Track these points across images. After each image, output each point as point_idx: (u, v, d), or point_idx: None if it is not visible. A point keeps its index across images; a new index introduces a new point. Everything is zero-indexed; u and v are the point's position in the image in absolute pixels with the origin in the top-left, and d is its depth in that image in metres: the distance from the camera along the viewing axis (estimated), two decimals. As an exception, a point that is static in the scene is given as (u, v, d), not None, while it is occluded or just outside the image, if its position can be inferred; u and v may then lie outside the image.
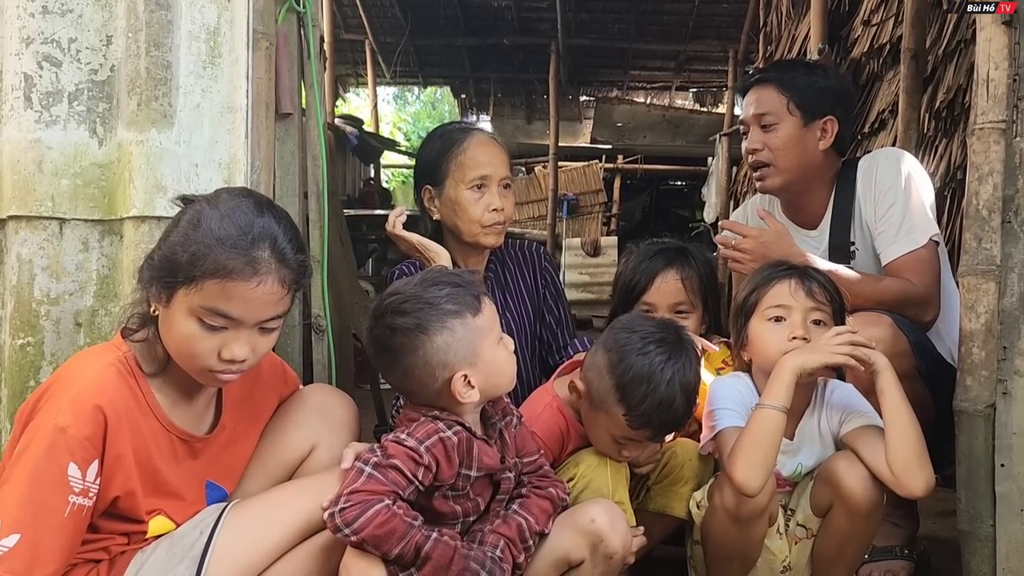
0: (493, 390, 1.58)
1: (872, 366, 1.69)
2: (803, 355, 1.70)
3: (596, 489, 1.73)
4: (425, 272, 1.64)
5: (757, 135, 2.35)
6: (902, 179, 2.22)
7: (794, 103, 2.31)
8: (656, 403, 1.67)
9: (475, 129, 2.31)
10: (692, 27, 10.09)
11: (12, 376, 1.79)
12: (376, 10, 10.05)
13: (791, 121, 2.31)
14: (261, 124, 1.93)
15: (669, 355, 1.71)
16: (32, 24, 1.81)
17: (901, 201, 2.20)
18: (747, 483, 1.63)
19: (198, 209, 1.45)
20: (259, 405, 1.67)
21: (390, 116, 17.36)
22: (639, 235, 9.47)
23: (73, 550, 1.40)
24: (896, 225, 2.20)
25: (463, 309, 1.53)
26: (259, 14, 1.91)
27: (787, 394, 1.67)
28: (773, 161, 2.32)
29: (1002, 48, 1.70)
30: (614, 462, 1.79)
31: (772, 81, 2.37)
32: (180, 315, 1.42)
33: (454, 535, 1.50)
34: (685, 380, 1.71)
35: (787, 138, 2.31)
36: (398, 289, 1.59)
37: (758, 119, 2.35)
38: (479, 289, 1.59)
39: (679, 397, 1.69)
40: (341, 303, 3.18)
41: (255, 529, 1.48)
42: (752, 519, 1.72)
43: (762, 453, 1.64)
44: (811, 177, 2.34)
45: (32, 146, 1.80)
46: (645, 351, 1.70)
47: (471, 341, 1.53)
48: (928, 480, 1.65)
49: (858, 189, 2.30)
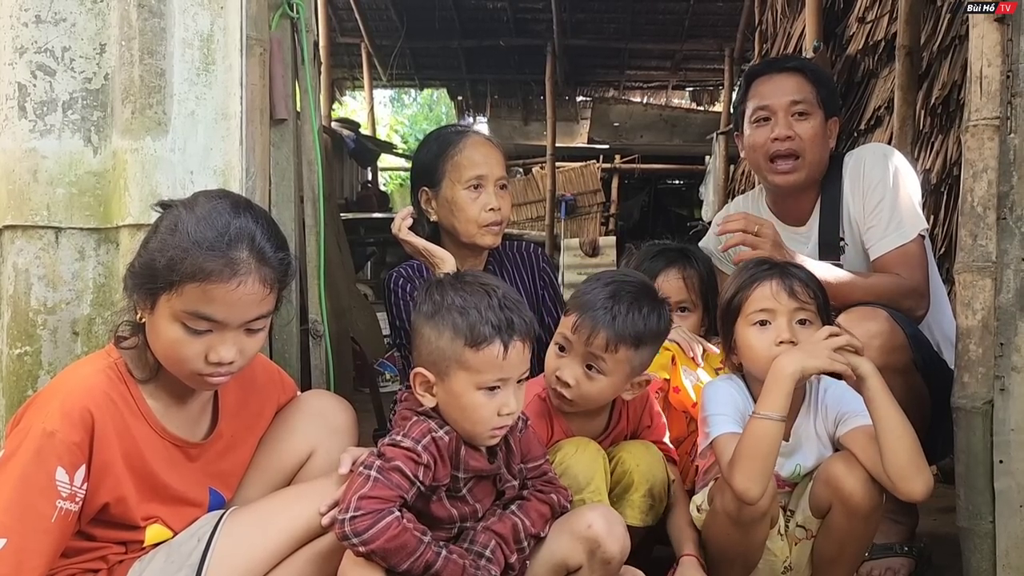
0: (451, 421, 1.54)
1: (856, 371, 1.67)
2: (800, 360, 1.67)
3: (572, 476, 1.73)
4: (494, 285, 1.57)
5: (787, 123, 2.26)
6: (890, 174, 2.22)
7: (820, 97, 2.28)
8: (596, 295, 1.76)
9: (471, 131, 2.32)
10: (688, 26, 10.10)
11: (10, 385, 1.79)
12: (372, 13, 10.06)
13: (819, 114, 2.28)
14: (256, 130, 1.94)
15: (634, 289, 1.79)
16: (25, 33, 1.81)
17: (889, 196, 2.20)
18: (747, 492, 1.62)
19: (176, 214, 1.45)
20: (256, 413, 1.67)
21: (387, 119, 17.36)
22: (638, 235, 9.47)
23: (58, 555, 1.39)
24: (885, 220, 2.19)
25: (463, 331, 1.50)
26: (252, 20, 1.91)
27: (785, 402, 1.65)
28: (803, 152, 2.25)
29: (995, 45, 1.70)
30: (591, 451, 1.79)
31: (803, 71, 2.33)
32: (164, 321, 1.42)
33: (462, 552, 1.50)
34: (636, 303, 1.76)
35: (818, 128, 2.27)
36: (465, 277, 1.60)
37: (791, 106, 2.26)
38: (512, 337, 1.50)
39: (623, 305, 1.74)
40: (339, 307, 3.19)
41: (253, 536, 1.48)
42: (754, 522, 1.72)
43: (760, 463, 1.63)
44: (816, 175, 2.31)
45: (27, 155, 1.80)
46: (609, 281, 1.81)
47: (447, 359, 1.51)
48: (927, 483, 1.63)
49: (845, 185, 2.29)
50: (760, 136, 2.31)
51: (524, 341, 1.53)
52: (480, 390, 1.51)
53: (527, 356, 1.55)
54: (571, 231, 10.48)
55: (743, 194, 2.70)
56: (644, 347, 1.78)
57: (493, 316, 1.50)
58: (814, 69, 2.40)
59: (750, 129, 2.35)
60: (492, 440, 1.56)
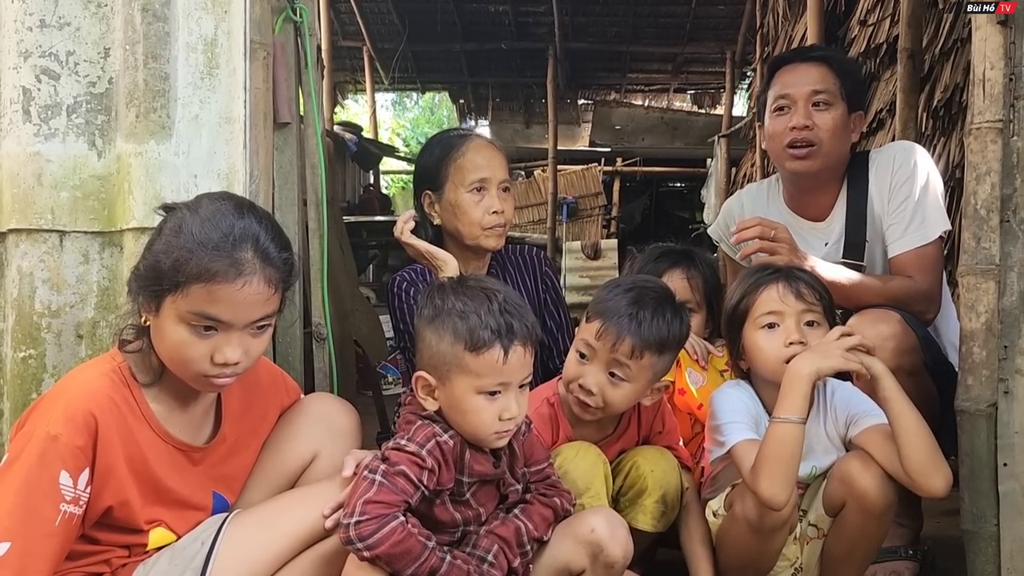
0: (454, 425, 1.54)
1: (869, 372, 1.67)
2: (815, 361, 1.67)
3: (572, 481, 1.73)
4: (495, 290, 1.57)
5: (806, 112, 2.24)
6: (919, 172, 2.19)
7: (845, 89, 2.26)
8: (619, 300, 1.75)
9: (473, 134, 2.32)
10: (689, 29, 10.10)
11: (14, 389, 1.80)
12: (374, 16, 10.07)
13: (841, 106, 2.26)
14: (259, 134, 1.94)
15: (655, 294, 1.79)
16: (30, 38, 1.82)
17: (916, 194, 2.18)
18: (774, 498, 1.62)
19: (179, 216, 1.46)
20: (260, 416, 1.67)
21: (389, 122, 17.39)
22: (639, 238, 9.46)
23: (62, 558, 1.40)
24: (907, 218, 2.17)
25: (463, 335, 1.50)
26: (256, 24, 1.92)
27: (804, 404, 1.65)
28: (820, 141, 2.23)
29: (998, 48, 1.70)
30: (592, 456, 1.79)
31: (827, 61, 2.30)
32: (170, 323, 1.42)
33: (466, 558, 1.50)
34: (659, 308, 1.75)
35: (838, 120, 2.24)
36: (467, 281, 1.60)
37: (812, 96, 2.24)
38: (512, 342, 1.50)
39: (648, 310, 1.74)
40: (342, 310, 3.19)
41: (256, 539, 1.48)
42: (775, 530, 1.71)
43: (785, 467, 1.63)
44: (836, 168, 2.29)
45: (31, 159, 1.81)
46: (630, 287, 1.81)
47: (448, 363, 1.51)
48: (947, 478, 1.63)
49: (871, 181, 2.26)
50: (779, 124, 2.29)
51: (525, 346, 1.52)
52: (480, 394, 1.50)
53: (529, 361, 1.54)
54: (573, 234, 10.48)
55: (756, 183, 2.65)
56: (667, 353, 1.79)
57: (493, 321, 1.50)
58: (841, 60, 2.36)
59: (770, 118, 2.33)
60: (498, 442, 1.56)
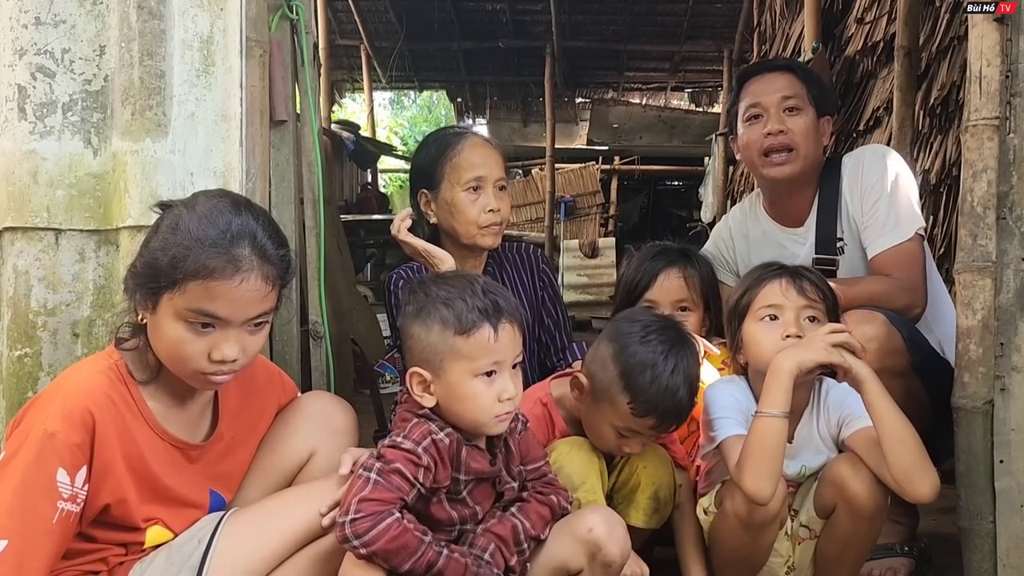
0: (454, 416, 1.52)
1: (853, 374, 1.66)
2: (797, 355, 1.66)
3: (566, 476, 1.73)
4: (475, 276, 1.59)
5: (779, 118, 2.31)
6: (888, 174, 2.24)
7: (812, 95, 2.33)
8: (661, 389, 1.68)
9: (469, 132, 2.32)
10: (686, 27, 10.12)
11: (10, 387, 1.79)
12: (371, 15, 10.07)
13: (811, 111, 2.33)
14: (256, 132, 1.94)
15: (671, 344, 1.72)
16: (25, 35, 1.81)
17: (887, 196, 2.22)
18: (759, 493, 1.62)
19: (176, 213, 1.46)
20: (257, 414, 1.67)
21: (386, 120, 17.40)
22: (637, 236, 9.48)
23: (59, 556, 1.39)
24: (882, 219, 2.21)
25: (451, 321, 1.49)
26: (252, 22, 1.91)
27: (786, 398, 1.64)
28: (796, 145, 2.30)
29: (994, 45, 1.70)
30: (586, 451, 1.79)
31: (792, 69, 2.39)
32: (167, 320, 1.42)
33: (464, 552, 1.49)
34: (688, 370, 1.72)
35: (810, 125, 2.31)
36: (445, 274, 1.60)
37: (782, 101, 2.32)
38: (500, 319, 1.50)
39: (683, 386, 1.70)
40: (339, 309, 3.18)
41: (253, 537, 1.48)
42: (764, 525, 1.71)
43: (768, 462, 1.63)
44: (811, 172, 2.34)
45: (27, 157, 1.80)
46: (647, 340, 1.72)
47: (440, 353, 1.50)
48: (933, 483, 1.62)
49: (844, 185, 2.31)
50: (753, 133, 2.35)
51: (513, 323, 1.52)
52: (477, 377, 1.49)
53: (518, 339, 1.54)
54: (570, 232, 10.50)
55: (739, 205, 2.71)
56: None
57: (479, 301, 1.49)
58: (804, 68, 2.47)
59: (743, 128, 2.39)
60: (500, 427, 1.54)
